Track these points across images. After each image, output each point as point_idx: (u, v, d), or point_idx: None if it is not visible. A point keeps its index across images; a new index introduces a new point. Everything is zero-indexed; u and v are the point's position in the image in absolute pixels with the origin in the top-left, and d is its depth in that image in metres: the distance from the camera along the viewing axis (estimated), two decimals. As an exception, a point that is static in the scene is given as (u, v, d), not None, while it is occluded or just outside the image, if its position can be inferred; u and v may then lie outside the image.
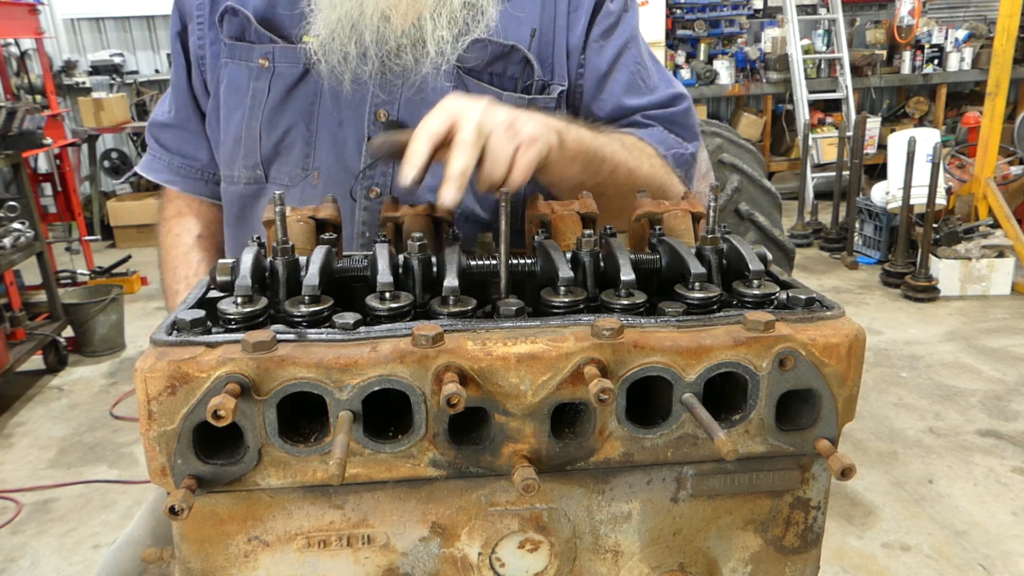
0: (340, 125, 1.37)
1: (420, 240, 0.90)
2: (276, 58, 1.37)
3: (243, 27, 1.39)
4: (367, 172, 1.36)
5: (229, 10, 1.39)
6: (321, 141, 1.38)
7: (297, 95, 1.37)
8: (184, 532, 0.79)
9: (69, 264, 6.58)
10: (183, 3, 1.47)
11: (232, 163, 1.45)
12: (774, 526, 0.87)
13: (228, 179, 1.47)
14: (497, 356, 0.75)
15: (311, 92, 1.37)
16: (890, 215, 6.47)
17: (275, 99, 1.38)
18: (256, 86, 1.39)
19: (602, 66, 1.41)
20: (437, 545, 0.83)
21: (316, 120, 1.37)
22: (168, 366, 0.72)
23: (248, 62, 1.39)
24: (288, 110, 1.38)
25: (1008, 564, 3.08)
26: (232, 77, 1.41)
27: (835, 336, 0.78)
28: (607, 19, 1.41)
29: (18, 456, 4.13)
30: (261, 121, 1.39)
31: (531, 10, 1.36)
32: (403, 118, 1.35)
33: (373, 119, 1.35)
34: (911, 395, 4.48)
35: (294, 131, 1.38)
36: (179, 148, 1.56)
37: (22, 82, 7.76)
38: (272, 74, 1.37)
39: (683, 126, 1.47)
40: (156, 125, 1.58)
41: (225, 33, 1.41)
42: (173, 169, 1.57)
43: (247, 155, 1.42)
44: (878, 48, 9.54)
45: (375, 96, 1.34)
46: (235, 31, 1.40)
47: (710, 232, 0.93)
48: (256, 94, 1.39)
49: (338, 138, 1.37)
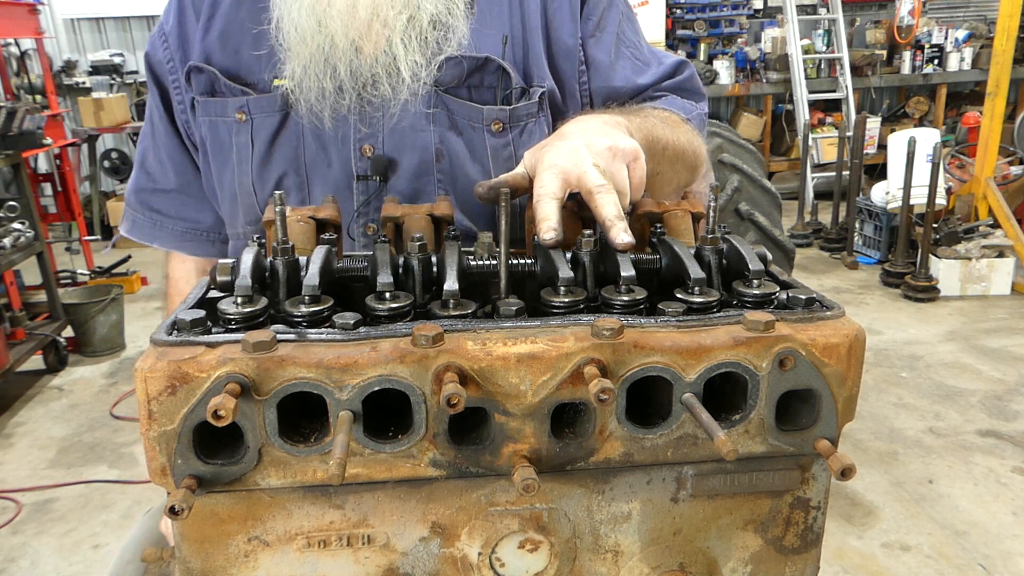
0: (329, 166, 1.35)
1: (420, 240, 0.90)
2: (251, 110, 1.34)
3: (211, 82, 1.36)
4: (362, 210, 1.34)
5: (193, 68, 1.36)
6: (314, 185, 1.35)
7: (281, 143, 1.35)
8: (184, 532, 0.79)
9: (69, 264, 6.58)
10: (156, 68, 1.44)
11: (234, 221, 1.43)
12: (774, 526, 0.87)
13: (234, 236, 1.45)
14: (497, 356, 0.75)
15: (294, 136, 1.34)
16: (890, 215, 6.47)
17: (260, 152, 1.35)
18: (239, 141, 1.36)
19: (605, 58, 1.40)
20: (437, 545, 0.83)
21: (304, 165, 1.35)
22: (168, 366, 0.72)
23: (224, 118, 1.36)
24: (275, 160, 1.35)
25: (1008, 564, 3.08)
26: (214, 135, 1.39)
27: (835, 336, 0.78)
28: (596, 10, 1.40)
29: (18, 456, 4.13)
30: (252, 176, 1.36)
31: (499, 18, 1.35)
32: (388, 149, 1.33)
33: (359, 155, 1.33)
34: (911, 395, 4.48)
35: (286, 179, 1.36)
36: (180, 213, 1.52)
37: (22, 82, 7.77)
38: (252, 126, 1.35)
39: (692, 91, 1.48)
40: (147, 191, 1.53)
41: (195, 91, 1.38)
42: (177, 235, 1.53)
43: (247, 212, 1.39)
44: (878, 48, 9.55)
45: (357, 131, 1.32)
46: (205, 87, 1.37)
47: (710, 232, 0.93)
48: (240, 149, 1.36)
49: (328, 179, 1.35)
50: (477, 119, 1.33)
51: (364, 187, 1.34)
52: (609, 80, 1.41)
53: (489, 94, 1.34)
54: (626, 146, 1.05)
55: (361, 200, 1.34)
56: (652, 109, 1.35)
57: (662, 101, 1.41)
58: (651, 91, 1.44)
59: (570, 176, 0.99)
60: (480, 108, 1.32)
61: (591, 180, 0.97)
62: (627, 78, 1.42)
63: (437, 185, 1.34)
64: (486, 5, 1.35)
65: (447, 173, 1.34)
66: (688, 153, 1.32)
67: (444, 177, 1.34)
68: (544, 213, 0.95)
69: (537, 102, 1.35)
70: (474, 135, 1.33)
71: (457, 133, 1.33)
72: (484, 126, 1.33)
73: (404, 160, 1.33)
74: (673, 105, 1.41)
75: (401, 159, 1.33)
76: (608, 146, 1.03)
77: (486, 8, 1.35)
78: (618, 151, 1.04)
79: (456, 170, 1.34)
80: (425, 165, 1.33)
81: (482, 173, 1.34)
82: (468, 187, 1.33)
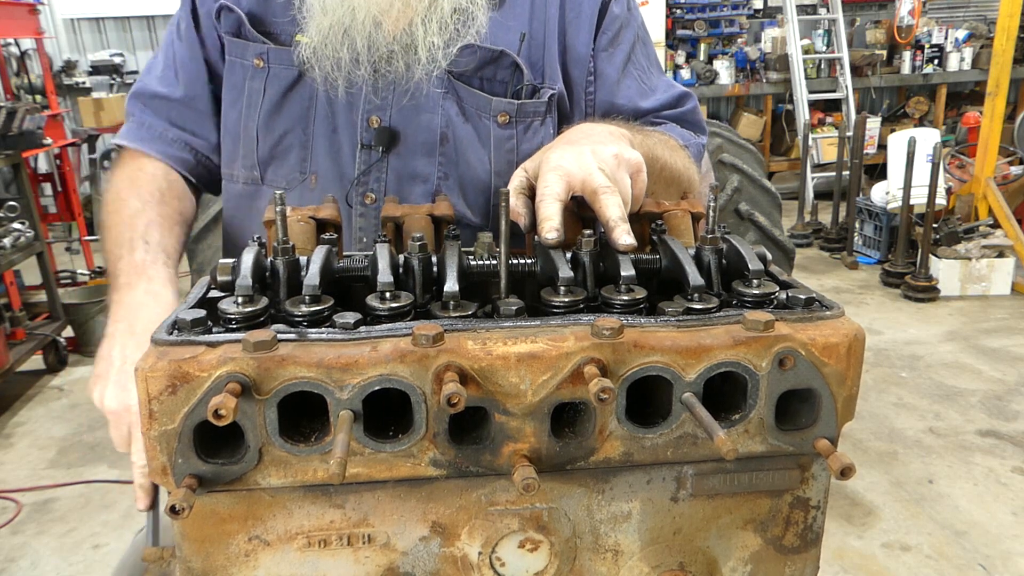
0: (335, 131, 1.37)
1: (420, 240, 0.90)
2: (270, 60, 1.37)
3: (238, 24, 1.39)
4: (361, 178, 1.37)
5: (224, 7, 1.38)
6: (317, 146, 1.38)
7: (293, 98, 1.37)
8: (185, 531, 0.79)
9: (69, 264, 6.58)
10: None
11: (231, 161, 1.44)
12: (774, 526, 0.87)
13: (228, 177, 1.47)
14: (497, 356, 0.75)
15: (306, 96, 1.37)
16: (890, 215, 6.47)
17: (271, 101, 1.38)
18: (252, 85, 1.39)
19: (613, 74, 1.43)
20: (437, 544, 0.83)
21: (312, 125, 1.38)
22: (169, 365, 0.72)
23: (243, 60, 1.39)
24: (284, 113, 1.38)
25: (1008, 564, 3.08)
26: (230, 73, 1.41)
27: (835, 336, 0.79)
28: (613, 25, 1.42)
29: (18, 456, 4.13)
30: (258, 123, 1.39)
31: (520, 16, 1.37)
32: (395, 124, 1.35)
33: (366, 125, 1.36)
34: (911, 395, 4.48)
35: (290, 135, 1.38)
36: (178, 122, 1.46)
37: (22, 82, 7.76)
38: (267, 75, 1.37)
39: (693, 123, 1.50)
40: (149, 95, 1.47)
41: (223, 28, 1.41)
42: (166, 140, 1.45)
43: (245, 155, 1.41)
44: (878, 48, 9.55)
45: (368, 101, 1.35)
46: (232, 27, 1.40)
47: (710, 232, 0.93)
48: (252, 94, 1.39)
49: (333, 143, 1.37)
50: (485, 109, 1.36)
51: (367, 156, 1.37)
52: (612, 96, 1.43)
53: (500, 87, 1.36)
54: (631, 157, 1.06)
55: (362, 169, 1.37)
56: (653, 131, 1.38)
57: (663, 127, 1.43)
58: (652, 116, 1.46)
59: (574, 179, 0.99)
60: (489, 99, 1.35)
61: (597, 181, 0.98)
62: (630, 98, 1.44)
63: (437, 168, 1.37)
64: (509, 2, 1.38)
65: (449, 157, 1.36)
66: (683, 179, 1.34)
67: (446, 160, 1.36)
68: (546, 213, 0.95)
69: (546, 102, 1.37)
70: (480, 124, 1.36)
71: (464, 119, 1.36)
72: (491, 117, 1.36)
73: (410, 137, 1.36)
74: (672, 132, 1.43)
75: (407, 136, 1.36)
76: (614, 153, 1.04)
77: (509, 5, 1.38)
78: (623, 160, 1.04)
79: (458, 155, 1.36)
80: (429, 146, 1.36)
81: (484, 161, 1.37)
82: (468, 173, 1.37)
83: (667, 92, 1.49)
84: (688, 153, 1.40)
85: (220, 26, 1.41)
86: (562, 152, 1.03)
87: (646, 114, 1.45)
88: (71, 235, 7.03)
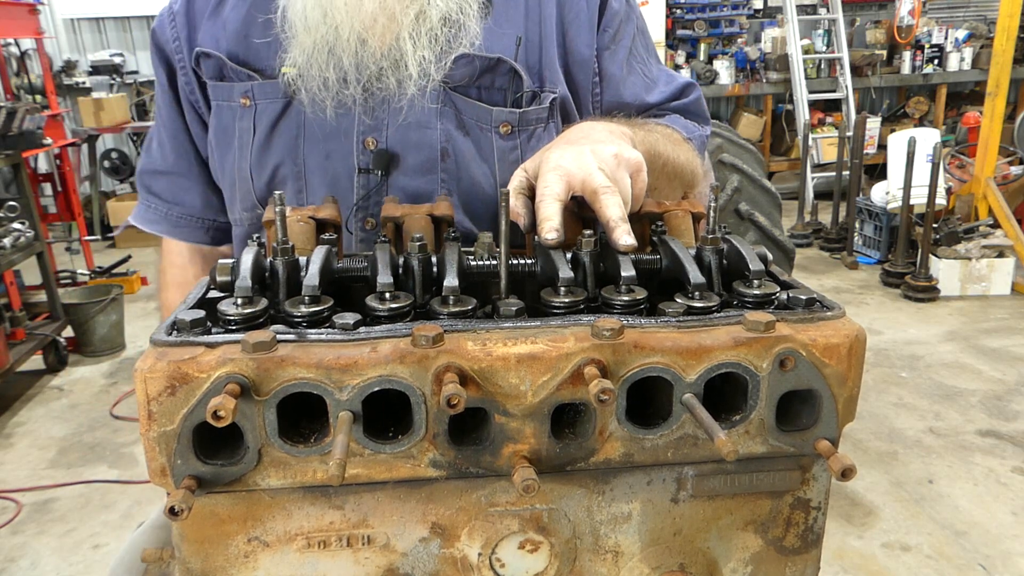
0: (327, 158, 1.33)
1: (420, 240, 0.90)
2: (256, 95, 1.33)
3: (219, 67, 1.36)
4: (361, 204, 1.33)
5: (202, 54, 1.36)
6: (311, 175, 1.34)
7: (281, 130, 1.34)
8: (184, 532, 0.79)
9: (69, 264, 6.58)
10: (163, 47, 1.43)
11: (232, 207, 1.43)
12: (774, 527, 0.87)
13: (234, 222, 1.45)
14: (497, 356, 0.74)
15: (294, 125, 1.33)
16: (890, 215, 6.47)
17: (260, 138, 1.34)
18: (241, 126, 1.35)
19: (618, 72, 1.40)
20: (437, 545, 0.83)
21: (302, 154, 1.34)
22: (168, 366, 0.72)
23: (230, 102, 1.36)
24: (274, 147, 1.34)
25: (1008, 564, 3.08)
26: (219, 119, 1.39)
27: (835, 336, 0.78)
28: (613, 21, 1.39)
29: (18, 456, 4.13)
30: (250, 162, 1.35)
31: (514, 19, 1.34)
32: (392, 144, 1.31)
33: (362, 147, 1.31)
34: (911, 395, 4.48)
35: (282, 168, 1.34)
36: (174, 197, 1.52)
37: (22, 82, 7.77)
38: (255, 112, 1.34)
39: (696, 114, 1.48)
40: (147, 173, 1.54)
41: (205, 75, 1.38)
42: (171, 220, 1.53)
43: (243, 198, 1.39)
44: (878, 48, 9.55)
45: (361, 123, 1.31)
46: (213, 72, 1.37)
47: (710, 232, 0.93)
48: (242, 135, 1.36)
49: (327, 171, 1.33)
50: (486, 120, 1.32)
51: (365, 181, 1.32)
52: (619, 95, 1.40)
53: (499, 96, 1.33)
54: (631, 156, 1.05)
55: (361, 194, 1.33)
56: (656, 124, 1.35)
57: (666, 119, 1.41)
58: (656, 109, 1.44)
59: (574, 179, 0.98)
60: (489, 109, 1.31)
61: (597, 180, 0.97)
62: (636, 94, 1.41)
63: (440, 185, 1.32)
64: (502, 6, 1.34)
65: (452, 173, 1.32)
66: (686, 172, 1.32)
67: (448, 177, 1.32)
68: (546, 213, 0.95)
69: (548, 107, 1.34)
70: (481, 136, 1.32)
71: (464, 133, 1.32)
72: (492, 128, 1.32)
73: (409, 157, 1.32)
74: (676, 124, 1.41)
75: (406, 155, 1.32)
76: (614, 153, 1.03)
77: (502, 9, 1.34)
78: (623, 160, 1.03)
79: (461, 171, 1.32)
80: (430, 163, 1.32)
81: (488, 175, 1.33)
82: (472, 188, 1.33)
83: (670, 84, 1.47)
84: (692, 146, 1.38)
85: (203, 73, 1.38)
86: (562, 152, 1.02)
87: (651, 107, 1.43)
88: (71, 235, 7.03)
